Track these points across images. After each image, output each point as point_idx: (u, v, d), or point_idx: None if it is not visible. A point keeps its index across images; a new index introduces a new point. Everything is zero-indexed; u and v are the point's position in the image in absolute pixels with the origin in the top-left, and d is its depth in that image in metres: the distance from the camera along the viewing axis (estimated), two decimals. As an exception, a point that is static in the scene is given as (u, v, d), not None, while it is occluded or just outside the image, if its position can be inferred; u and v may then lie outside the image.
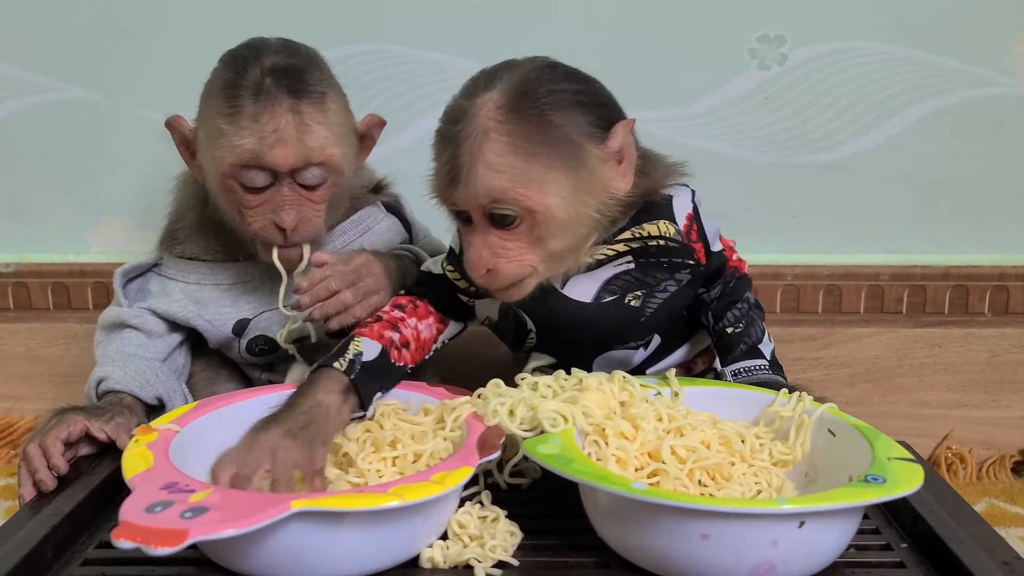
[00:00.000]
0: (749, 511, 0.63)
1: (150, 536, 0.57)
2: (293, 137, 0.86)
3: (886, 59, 1.15)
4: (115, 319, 0.98)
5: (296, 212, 0.89)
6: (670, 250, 0.87)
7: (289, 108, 0.86)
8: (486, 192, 0.76)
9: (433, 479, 0.66)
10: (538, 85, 0.78)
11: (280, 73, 0.87)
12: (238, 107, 0.86)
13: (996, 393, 1.20)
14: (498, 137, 0.76)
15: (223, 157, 0.87)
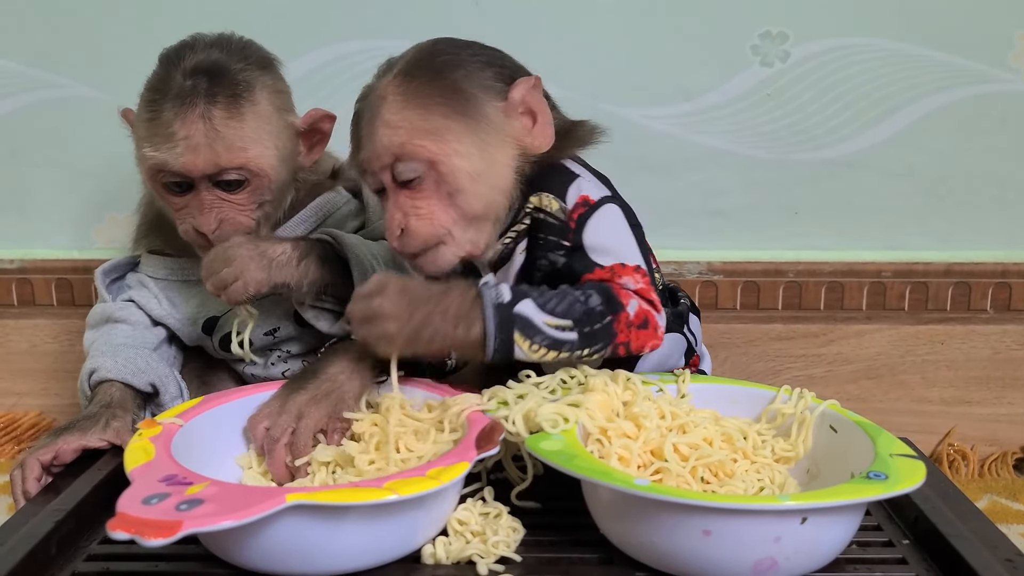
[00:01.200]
0: (751, 507, 0.63)
1: (145, 527, 0.57)
2: (203, 144, 0.86)
3: (889, 55, 1.15)
4: (101, 314, 0.99)
5: (215, 215, 0.89)
6: (548, 226, 0.82)
7: (201, 115, 0.86)
8: (386, 149, 0.78)
9: (429, 474, 0.66)
10: (434, 51, 0.81)
11: (200, 74, 0.87)
12: (155, 112, 0.87)
13: (998, 390, 1.20)
14: (394, 98, 0.78)
15: (142, 162, 0.89)
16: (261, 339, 0.99)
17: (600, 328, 0.76)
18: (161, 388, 0.94)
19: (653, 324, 0.78)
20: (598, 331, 0.76)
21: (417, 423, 0.79)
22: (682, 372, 0.87)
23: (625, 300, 0.77)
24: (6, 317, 1.22)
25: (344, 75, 1.16)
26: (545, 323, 0.75)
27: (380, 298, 0.74)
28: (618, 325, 0.76)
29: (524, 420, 0.74)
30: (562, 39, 1.16)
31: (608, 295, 0.77)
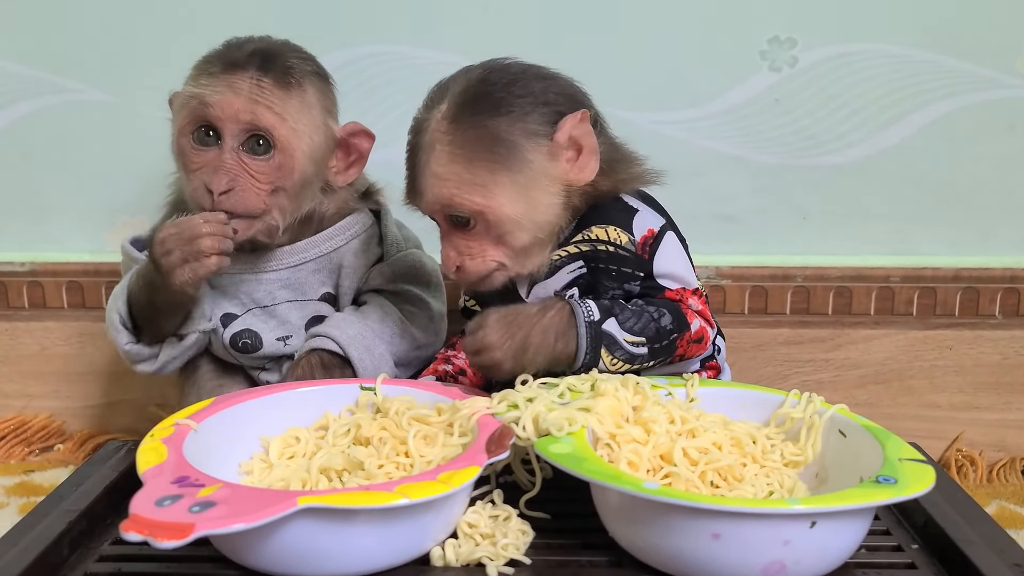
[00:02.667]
0: (760, 511, 0.64)
1: (157, 529, 0.57)
2: (245, 94, 0.88)
3: (897, 61, 1.15)
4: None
5: (229, 178, 0.88)
6: (620, 258, 0.86)
7: (251, 76, 0.88)
8: (436, 199, 0.83)
9: (439, 478, 0.66)
10: (482, 90, 0.82)
11: (257, 54, 0.89)
12: (205, 69, 0.89)
13: (1007, 395, 1.20)
14: (441, 148, 0.81)
15: (178, 112, 0.90)
16: (273, 344, 0.99)
17: (667, 344, 0.85)
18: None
19: (706, 340, 0.88)
20: (665, 347, 0.85)
21: (427, 428, 0.80)
22: (691, 376, 0.88)
23: (690, 320, 0.86)
24: (17, 320, 1.23)
25: (353, 80, 1.16)
26: (625, 340, 0.83)
27: (483, 331, 0.81)
28: (681, 342, 0.86)
29: (533, 424, 0.74)
30: (570, 44, 1.16)
31: (678, 315, 0.85)
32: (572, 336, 0.81)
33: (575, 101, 0.86)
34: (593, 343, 0.81)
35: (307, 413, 0.85)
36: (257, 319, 0.99)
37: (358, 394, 0.86)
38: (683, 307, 0.87)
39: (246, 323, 0.99)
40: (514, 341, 0.81)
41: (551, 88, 0.85)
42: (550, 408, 0.76)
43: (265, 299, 0.98)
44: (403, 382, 0.89)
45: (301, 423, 0.84)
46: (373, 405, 0.85)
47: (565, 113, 0.83)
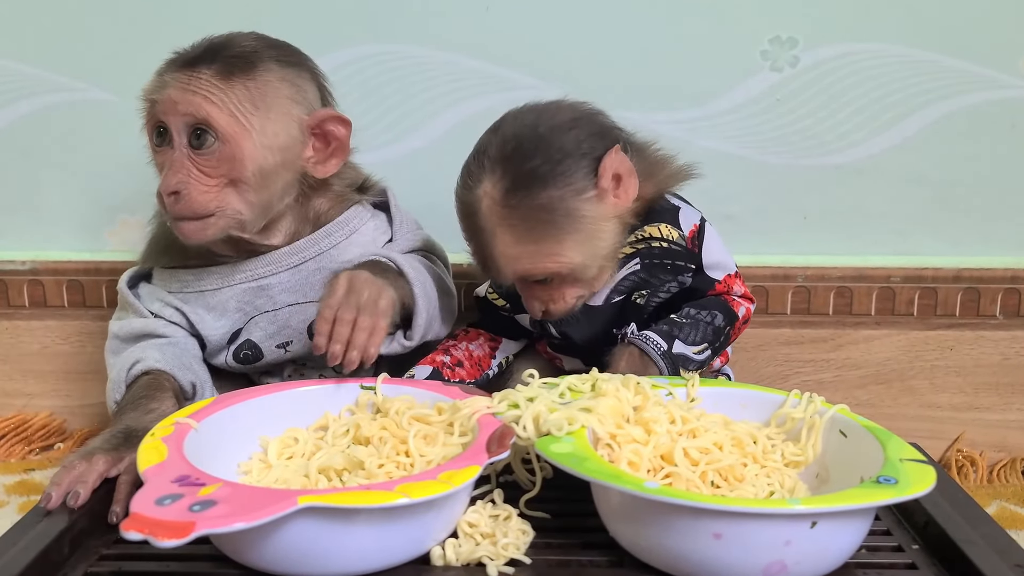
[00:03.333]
0: (761, 511, 0.64)
1: (158, 528, 0.58)
2: (186, 88, 0.87)
3: (899, 61, 1.15)
4: (132, 331, 0.96)
5: (177, 179, 0.87)
6: (674, 253, 0.94)
7: (192, 68, 0.87)
8: (512, 275, 0.88)
9: (440, 478, 0.66)
10: (523, 172, 0.84)
11: (211, 47, 0.89)
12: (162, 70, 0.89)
13: (1008, 396, 1.20)
14: (504, 232, 0.85)
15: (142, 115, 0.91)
16: (273, 352, 0.98)
17: (724, 339, 0.94)
18: (199, 392, 0.93)
19: (750, 316, 0.98)
20: (723, 341, 0.94)
21: (427, 428, 0.80)
22: (691, 376, 0.88)
23: (737, 308, 0.95)
24: (17, 318, 1.23)
25: (355, 79, 1.16)
26: (693, 352, 0.91)
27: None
28: (734, 331, 0.96)
29: (534, 423, 0.74)
30: (572, 43, 1.16)
31: (726, 310, 0.94)
32: (651, 371, 0.90)
33: (604, 138, 0.88)
34: (671, 370, 0.90)
35: (307, 413, 0.85)
36: (257, 327, 0.98)
37: (358, 394, 0.86)
38: (729, 299, 0.95)
39: (247, 333, 0.98)
40: None
41: (581, 136, 0.87)
42: (551, 408, 0.76)
43: (267, 304, 0.97)
44: (403, 381, 0.88)
45: (301, 423, 0.84)
46: (373, 405, 0.85)
47: (601, 156, 0.86)
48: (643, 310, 0.96)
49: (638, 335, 0.92)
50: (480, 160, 0.87)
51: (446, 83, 1.18)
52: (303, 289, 0.98)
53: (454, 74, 1.17)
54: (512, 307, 1.01)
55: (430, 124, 1.19)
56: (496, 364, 1.02)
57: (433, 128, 1.19)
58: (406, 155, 1.19)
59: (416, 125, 1.19)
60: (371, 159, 1.12)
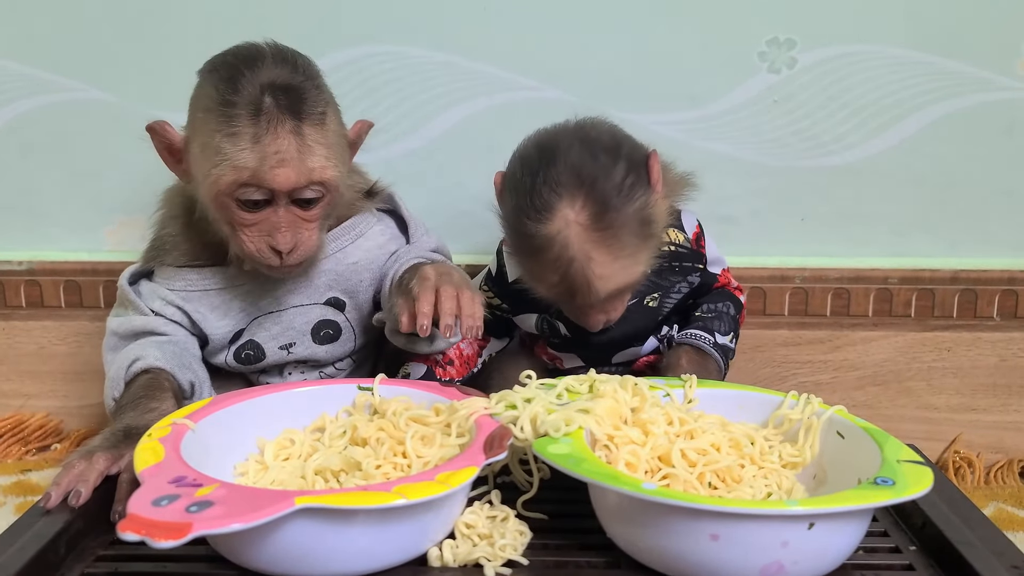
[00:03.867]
0: (759, 512, 0.64)
1: (154, 529, 0.57)
2: (295, 159, 0.85)
3: (896, 63, 1.15)
4: (132, 328, 0.95)
5: (292, 234, 0.88)
6: (681, 255, 0.98)
7: (291, 130, 0.85)
8: (606, 295, 0.88)
9: (437, 479, 0.66)
10: (601, 193, 0.85)
11: (279, 91, 0.85)
12: (238, 127, 0.84)
13: (1004, 397, 1.20)
14: (601, 255, 0.85)
15: (222, 176, 0.85)
16: (276, 353, 0.98)
17: (738, 327, 1.03)
18: (198, 392, 0.93)
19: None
20: (738, 330, 1.03)
21: (424, 428, 0.80)
22: (689, 378, 0.88)
23: (739, 295, 1.04)
24: (14, 319, 1.22)
25: (354, 80, 1.16)
26: (728, 341, 1.00)
27: None
28: (741, 317, 1.04)
29: (532, 424, 0.74)
30: (570, 44, 1.16)
31: (733, 299, 1.03)
32: (710, 364, 0.97)
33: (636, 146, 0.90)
34: (725, 359, 0.98)
35: (304, 414, 0.85)
36: (261, 327, 0.98)
37: (355, 395, 0.86)
38: (732, 290, 1.04)
39: (250, 334, 0.98)
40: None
41: (623, 147, 0.89)
42: (549, 409, 0.76)
43: (271, 305, 0.97)
44: (400, 382, 0.88)
45: (298, 424, 0.84)
46: (370, 406, 0.85)
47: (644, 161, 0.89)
48: (657, 312, 0.99)
49: (685, 335, 0.99)
50: (548, 191, 0.85)
51: (444, 84, 1.18)
52: (307, 291, 0.98)
53: (452, 75, 1.17)
54: (512, 309, 1.02)
55: (428, 125, 1.19)
56: (481, 362, 1.04)
57: (431, 128, 1.19)
58: (404, 155, 1.19)
59: (414, 125, 1.19)
60: (369, 159, 1.12)
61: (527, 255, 0.88)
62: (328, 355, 1.01)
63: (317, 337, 0.99)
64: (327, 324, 0.99)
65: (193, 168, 0.90)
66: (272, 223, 0.88)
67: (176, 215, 0.98)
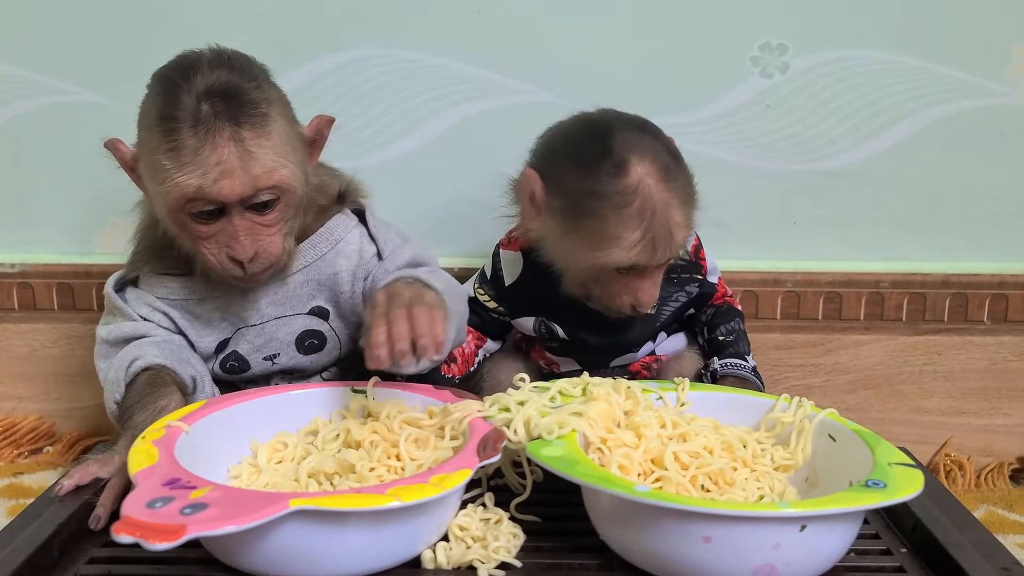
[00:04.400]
0: (751, 514, 0.64)
1: (149, 531, 0.58)
2: (238, 168, 0.82)
3: (888, 68, 1.16)
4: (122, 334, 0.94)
5: (251, 241, 0.86)
6: (680, 266, 1.00)
7: (230, 137, 0.82)
8: (679, 247, 0.91)
9: (431, 481, 0.66)
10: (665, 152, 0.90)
11: (216, 97, 0.82)
12: (177, 141, 0.81)
13: (995, 401, 1.21)
14: (675, 205, 0.88)
15: (168, 193, 0.83)
16: (260, 364, 0.97)
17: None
18: (199, 386, 0.92)
19: None
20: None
21: (418, 431, 0.80)
22: (682, 381, 0.88)
23: (737, 306, 1.07)
24: (7, 321, 1.22)
25: (347, 83, 1.16)
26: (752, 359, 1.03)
27: None
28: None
29: (525, 427, 0.75)
30: (563, 48, 1.16)
31: (739, 313, 1.06)
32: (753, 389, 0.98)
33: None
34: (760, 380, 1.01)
35: (298, 417, 0.85)
36: (244, 339, 0.97)
37: (349, 398, 0.86)
38: (732, 301, 1.06)
39: (234, 344, 0.97)
40: None
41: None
42: (542, 412, 0.76)
43: (252, 317, 0.96)
44: (394, 385, 0.88)
45: (292, 427, 0.84)
46: (364, 409, 0.85)
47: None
48: (655, 319, 1.00)
49: (726, 367, 1.01)
50: (621, 148, 0.87)
51: (438, 87, 1.18)
52: (290, 302, 0.96)
53: (446, 78, 1.17)
54: (510, 312, 1.02)
55: (422, 128, 1.19)
56: (478, 361, 1.05)
57: (425, 132, 1.19)
58: (398, 158, 1.19)
59: (408, 129, 1.19)
60: (362, 163, 1.12)
61: (605, 217, 0.87)
62: (313, 364, 1.00)
63: (302, 347, 0.97)
64: (312, 334, 0.98)
65: (146, 185, 0.89)
66: (229, 233, 0.85)
67: (148, 225, 0.96)
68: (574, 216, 0.89)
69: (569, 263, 0.93)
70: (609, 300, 0.92)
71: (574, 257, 0.91)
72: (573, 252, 0.91)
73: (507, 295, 1.01)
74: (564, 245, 0.91)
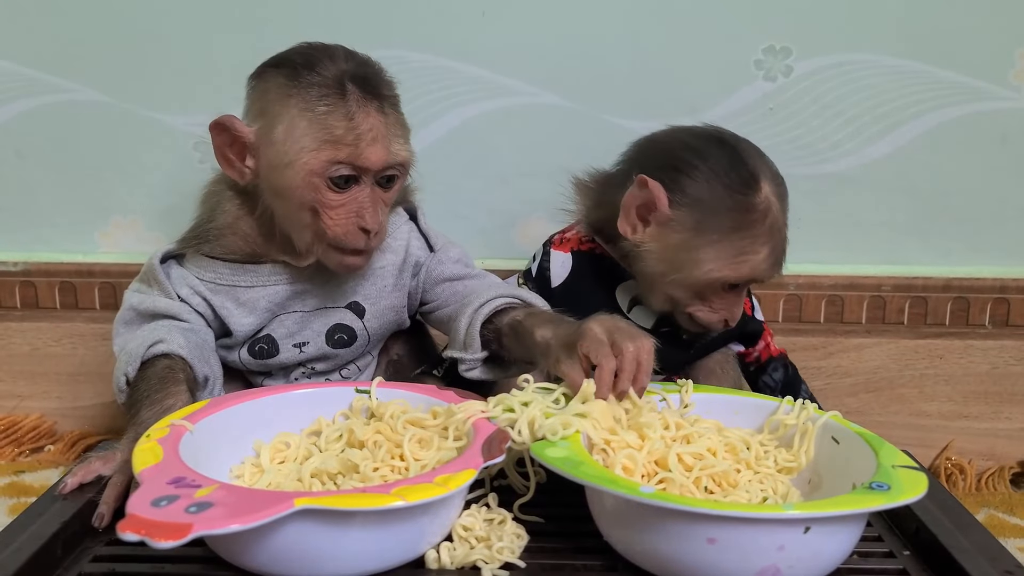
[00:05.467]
0: (756, 516, 0.64)
1: (155, 529, 0.57)
2: (384, 137, 0.88)
3: (891, 72, 1.16)
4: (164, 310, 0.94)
5: (379, 212, 0.90)
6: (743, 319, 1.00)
7: (378, 109, 0.88)
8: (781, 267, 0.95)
9: (436, 481, 0.66)
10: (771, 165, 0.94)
11: (358, 77, 0.88)
12: (329, 106, 0.86)
13: (996, 405, 1.21)
14: (786, 225, 0.94)
15: (318, 154, 0.86)
16: (289, 350, 0.97)
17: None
18: (211, 387, 0.92)
19: None
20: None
21: (422, 432, 0.80)
22: (685, 383, 0.88)
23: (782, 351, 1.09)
24: (9, 320, 1.22)
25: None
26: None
27: None
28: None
29: (529, 428, 0.75)
30: (567, 51, 1.17)
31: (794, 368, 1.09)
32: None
33: None
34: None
35: (302, 416, 0.85)
36: (282, 324, 0.97)
37: (352, 398, 0.86)
38: (783, 352, 1.09)
39: (269, 329, 0.97)
40: None
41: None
42: (546, 413, 0.76)
43: (296, 305, 0.97)
44: (399, 385, 0.88)
45: (295, 427, 0.84)
46: (367, 409, 0.85)
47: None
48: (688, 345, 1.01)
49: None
50: (746, 169, 0.91)
51: (441, 89, 1.18)
52: (334, 295, 0.97)
53: (449, 80, 1.18)
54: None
55: (425, 129, 1.19)
56: None
57: (428, 133, 1.19)
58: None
59: (411, 130, 1.19)
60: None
61: (736, 233, 0.90)
62: (340, 357, 1.00)
63: (331, 340, 0.98)
64: (342, 328, 0.98)
65: (270, 158, 0.88)
66: (359, 202, 0.89)
67: (228, 210, 0.95)
68: (705, 229, 0.91)
69: (680, 276, 0.93)
70: (704, 315, 0.95)
71: (691, 270, 0.92)
72: (694, 265, 0.92)
73: (552, 296, 0.99)
74: (682, 258, 0.92)
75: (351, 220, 0.89)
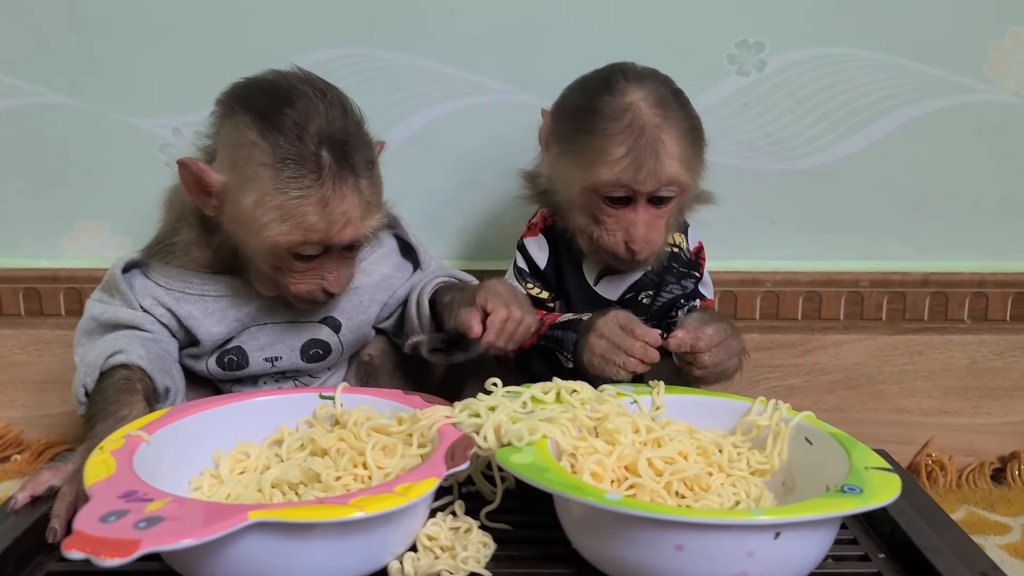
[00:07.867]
0: (723, 522, 0.63)
1: (101, 546, 0.55)
2: (358, 218, 0.86)
3: (866, 66, 1.15)
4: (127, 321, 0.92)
5: (344, 275, 0.91)
6: (681, 259, 1.00)
7: (352, 187, 0.85)
8: (668, 177, 0.89)
9: (396, 490, 0.64)
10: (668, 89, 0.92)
11: (336, 145, 0.84)
12: (303, 190, 0.83)
13: (976, 400, 1.20)
14: (667, 132, 0.88)
15: (287, 235, 0.84)
16: (260, 364, 0.96)
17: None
18: (172, 398, 0.91)
19: None
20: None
21: (386, 439, 0.78)
22: (656, 384, 0.87)
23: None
24: (-27, 327, 1.20)
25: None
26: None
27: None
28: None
29: (496, 433, 0.73)
30: (538, 47, 1.15)
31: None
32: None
33: None
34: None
35: (263, 426, 0.83)
36: (252, 337, 0.95)
37: (316, 405, 0.84)
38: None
39: (238, 341, 0.95)
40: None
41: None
42: (513, 418, 0.74)
43: (265, 316, 0.95)
44: (363, 391, 0.87)
45: (256, 436, 0.82)
46: (331, 416, 0.83)
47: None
48: (647, 309, 0.98)
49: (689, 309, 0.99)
50: (619, 78, 0.91)
51: (411, 87, 1.16)
52: (307, 310, 0.96)
53: (419, 78, 1.16)
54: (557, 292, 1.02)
55: (396, 128, 1.17)
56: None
57: (399, 132, 1.17)
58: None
59: (382, 129, 1.15)
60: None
61: (593, 131, 0.89)
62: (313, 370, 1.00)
63: (306, 355, 0.97)
64: (318, 344, 0.97)
65: (238, 216, 0.86)
66: (325, 268, 0.89)
67: (191, 224, 0.93)
68: (568, 134, 0.91)
69: (567, 195, 0.93)
70: (605, 239, 0.92)
71: (568, 182, 0.92)
72: (567, 177, 0.92)
73: (548, 280, 1.00)
74: (561, 170, 0.93)
75: (315, 283, 0.89)
